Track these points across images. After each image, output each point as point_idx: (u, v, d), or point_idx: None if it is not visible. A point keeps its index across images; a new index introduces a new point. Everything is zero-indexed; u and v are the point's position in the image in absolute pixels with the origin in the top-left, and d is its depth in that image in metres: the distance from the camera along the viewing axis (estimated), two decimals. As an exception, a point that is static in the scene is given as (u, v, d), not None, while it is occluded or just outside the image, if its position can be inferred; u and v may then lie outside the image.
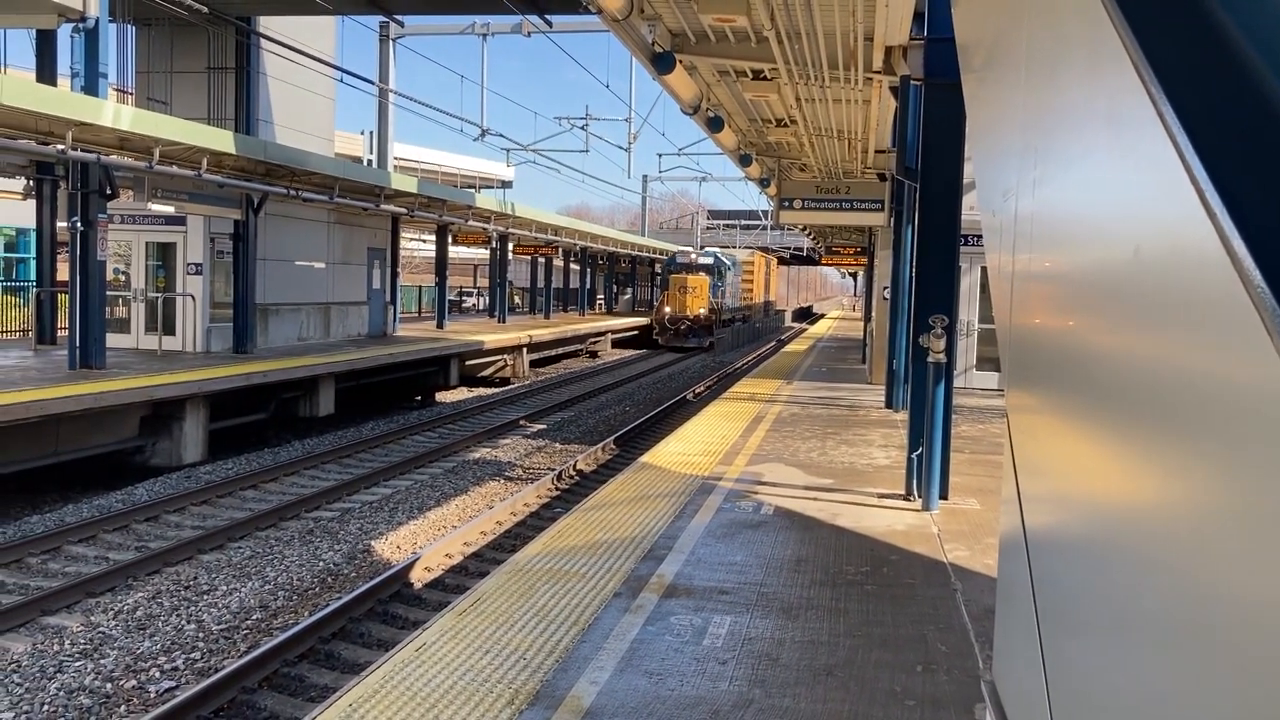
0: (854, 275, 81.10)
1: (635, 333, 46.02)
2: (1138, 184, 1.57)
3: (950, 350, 9.12)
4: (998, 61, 3.84)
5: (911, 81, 10.76)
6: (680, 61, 12.30)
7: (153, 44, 24.08)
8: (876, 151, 18.23)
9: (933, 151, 9.62)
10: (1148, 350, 1.54)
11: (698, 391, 27.00)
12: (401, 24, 29.30)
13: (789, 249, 69.68)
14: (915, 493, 9.50)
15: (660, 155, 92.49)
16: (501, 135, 34.94)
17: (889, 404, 16.58)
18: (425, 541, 11.43)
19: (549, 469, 15.59)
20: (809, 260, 74.34)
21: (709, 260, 44.09)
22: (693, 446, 12.42)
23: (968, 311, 18.62)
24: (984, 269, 18.50)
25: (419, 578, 10.03)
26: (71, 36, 16.65)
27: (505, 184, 61.22)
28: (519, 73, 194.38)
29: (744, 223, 69.25)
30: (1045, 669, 2.59)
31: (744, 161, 21.52)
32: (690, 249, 47.20)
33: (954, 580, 7.05)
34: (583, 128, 39.53)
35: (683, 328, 42.01)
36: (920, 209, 9.87)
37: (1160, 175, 1.36)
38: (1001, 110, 3.70)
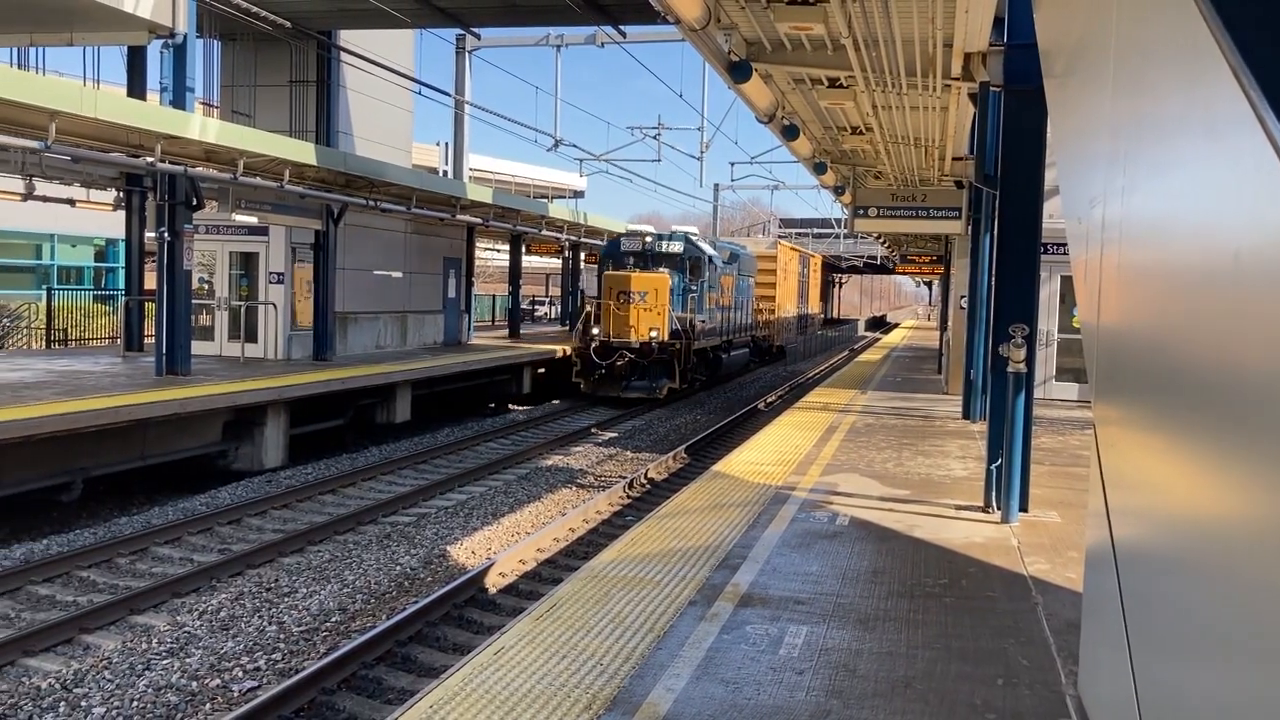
0: (929, 284, 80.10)
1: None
2: (1236, 189, 1.54)
3: (1030, 360, 8.97)
4: (1082, 67, 3.79)
5: (991, 88, 10.62)
6: (756, 70, 12.29)
7: (237, 58, 24.74)
8: (954, 159, 18.01)
9: (1012, 158, 9.48)
10: (1248, 359, 1.51)
11: (769, 401, 26.88)
12: (478, 36, 29.70)
13: (862, 257, 69.07)
14: (994, 505, 9.35)
15: (733, 163, 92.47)
16: (574, 145, 35.32)
17: (966, 414, 16.35)
18: (500, 547, 11.54)
19: (620, 477, 15.64)
20: (883, 269, 73.65)
21: (676, 247, 25.73)
22: (766, 456, 12.37)
23: (1047, 321, 18.29)
24: (1064, 278, 18.16)
25: (494, 583, 10.13)
26: (161, 52, 17.15)
27: (578, 194, 61.64)
28: (592, 83, 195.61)
29: (816, 231, 68.81)
30: (1135, 684, 2.54)
31: (819, 169, 21.41)
32: (645, 228, 27.12)
33: (1035, 593, 6.93)
34: (655, 137, 39.59)
35: (619, 363, 23.81)
36: (1000, 217, 9.74)
37: (1262, 181, 1.34)
38: (1086, 116, 3.65)
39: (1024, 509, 9.27)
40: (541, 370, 26.05)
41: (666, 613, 6.24)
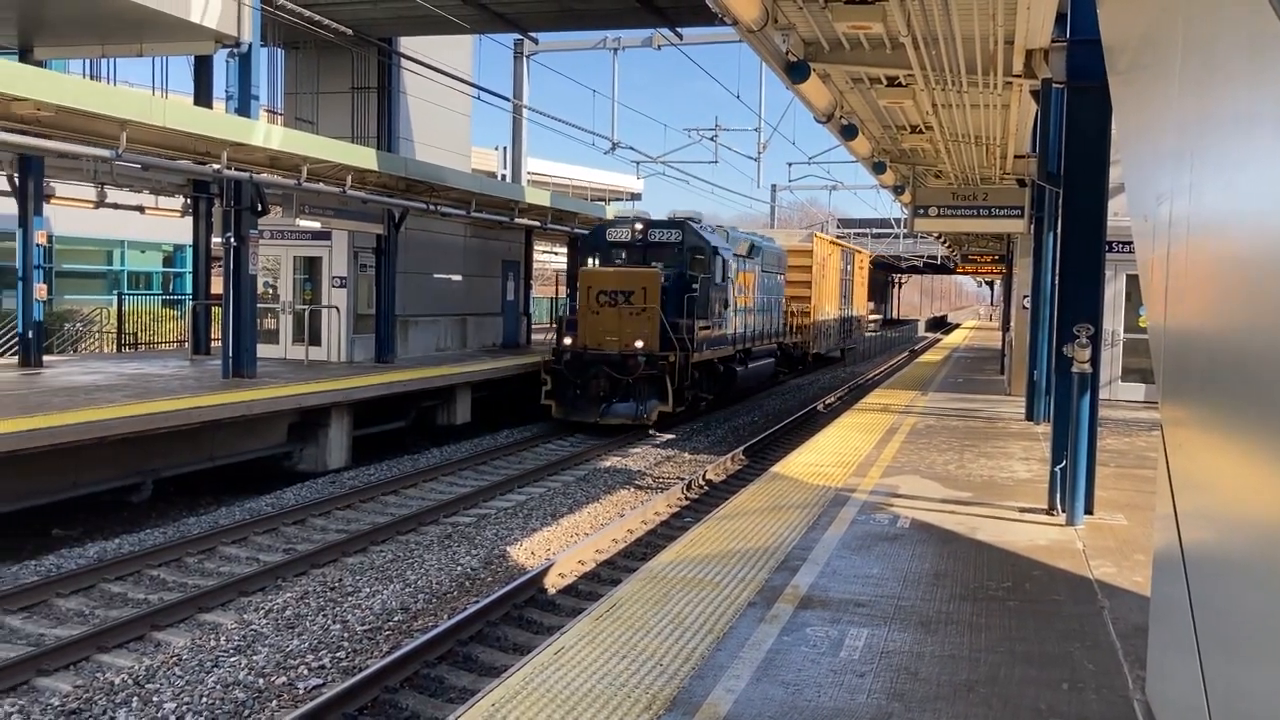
0: (990, 284, 79.07)
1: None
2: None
3: (1095, 360, 8.83)
4: (1147, 63, 3.73)
5: (1053, 84, 10.47)
6: (814, 70, 12.22)
7: (300, 66, 25.15)
8: (1016, 157, 17.76)
9: (1076, 156, 9.34)
10: (1321, 359, 1.48)
11: (828, 403, 26.71)
12: (536, 41, 29.88)
13: (922, 257, 68.36)
14: (1059, 507, 9.21)
15: (790, 164, 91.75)
16: (631, 148, 35.33)
17: (1029, 416, 16.12)
18: (559, 548, 11.60)
19: (678, 478, 15.64)
20: (943, 269, 72.85)
21: (673, 236, 21.50)
22: (825, 457, 12.30)
23: (1112, 321, 17.98)
24: (1130, 277, 17.84)
25: (553, 583, 10.19)
26: (226, 61, 17.50)
27: (635, 196, 61.75)
28: (649, 86, 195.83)
29: (876, 231, 68.23)
30: (1205, 690, 2.49)
31: (878, 169, 21.23)
32: (634, 214, 24.30)
33: (1101, 597, 6.82)
34: (712, 138, 39.53)
35: (599, 379, 19.58)
36: (1063, 215, 9.59)
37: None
38: (1152, 113, 3.59)
39: (1089, 511, 9.12)
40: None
41: (726, 614, 6.24)
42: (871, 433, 14.48)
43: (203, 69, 20.66)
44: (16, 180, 17.88)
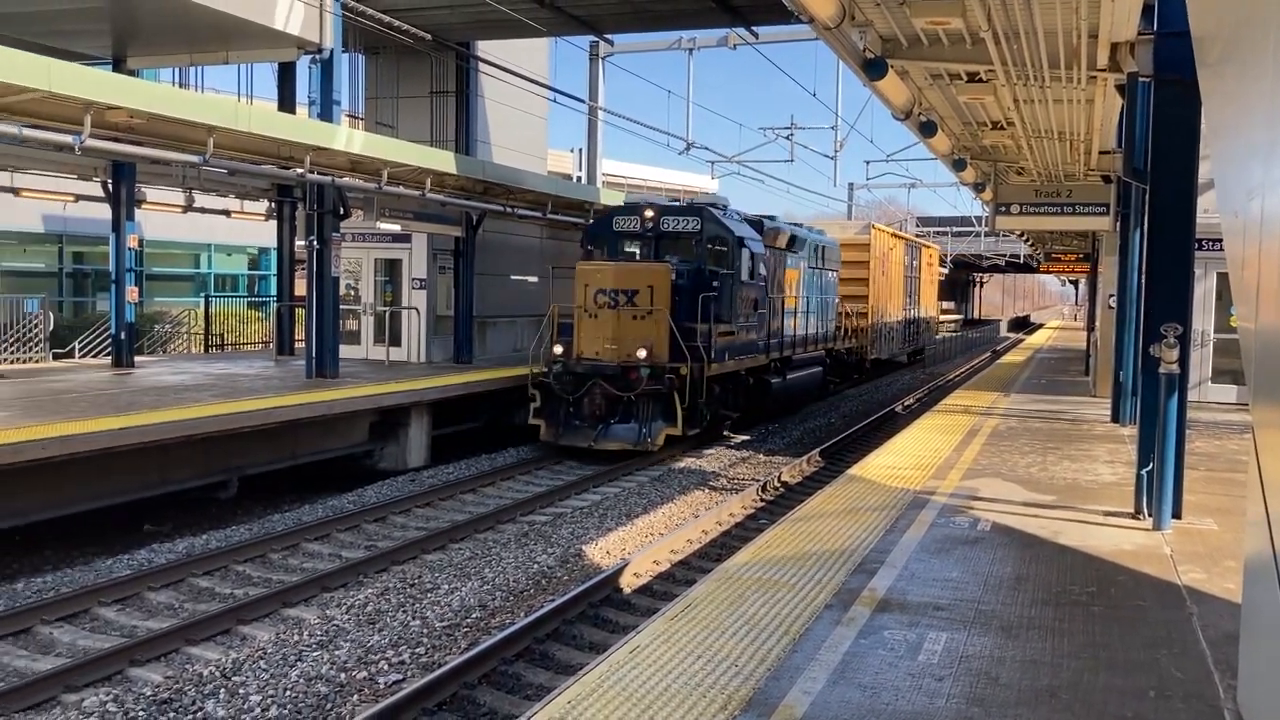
0: (1074, 283, 77.39)
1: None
2: None
3: (1184, 361, 8.59)
4: (1239, 55, 3.62)
5: (1140, 78, 10.23)
6: (892, 67, 12.09)
7: (380, 71, 25.57)
8: (1100, 153, 17.37)
9: (1163, 151, 9.11)
10: None
11: (907, 404, 26.39)
12: (611, 43, 30.00)
13: (1004, 256, 67.18)
14: (1145, 511, 8.98)
15: (868, 162, 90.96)
16: (706, 148, 35.26)
17: (1115, 418, 15.75)
18: (634, 548, 11.63)
19: (753, 480, 15.58)
20: (1026, 268, 71.51)
21: (691, 224, 18.57)
22: (903, 460, 12.16)
23: (1202, 320, 17.50)
24: (1221, 275, 17.34)
25: (628, 583, 10.22)
26: (309, 68, 17.89)
27: (710, 196, 61.54)
28: (723, 85, 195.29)
29: (956, 229, 67.20)
30: (1300, 699, 2.41)
31: (957, 166, 20.92)
32: (646, 199, 21.33)
33: (1189, 603, 6.63)
34: (788, 137, 39.30)
35: (595, 396, 16.83)
36: (1150, 212, 9.36)
37: None
38: (1244, 106, 3.49)
39: (1177, 516, 8.88)
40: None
41: (802, 616, 6.20)
42: (951, 434, 14.27)
43: (286, 76, 21.13)
44: (110, 186, 18.47)
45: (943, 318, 77.94)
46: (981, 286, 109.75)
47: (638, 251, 18.60)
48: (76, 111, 11.98)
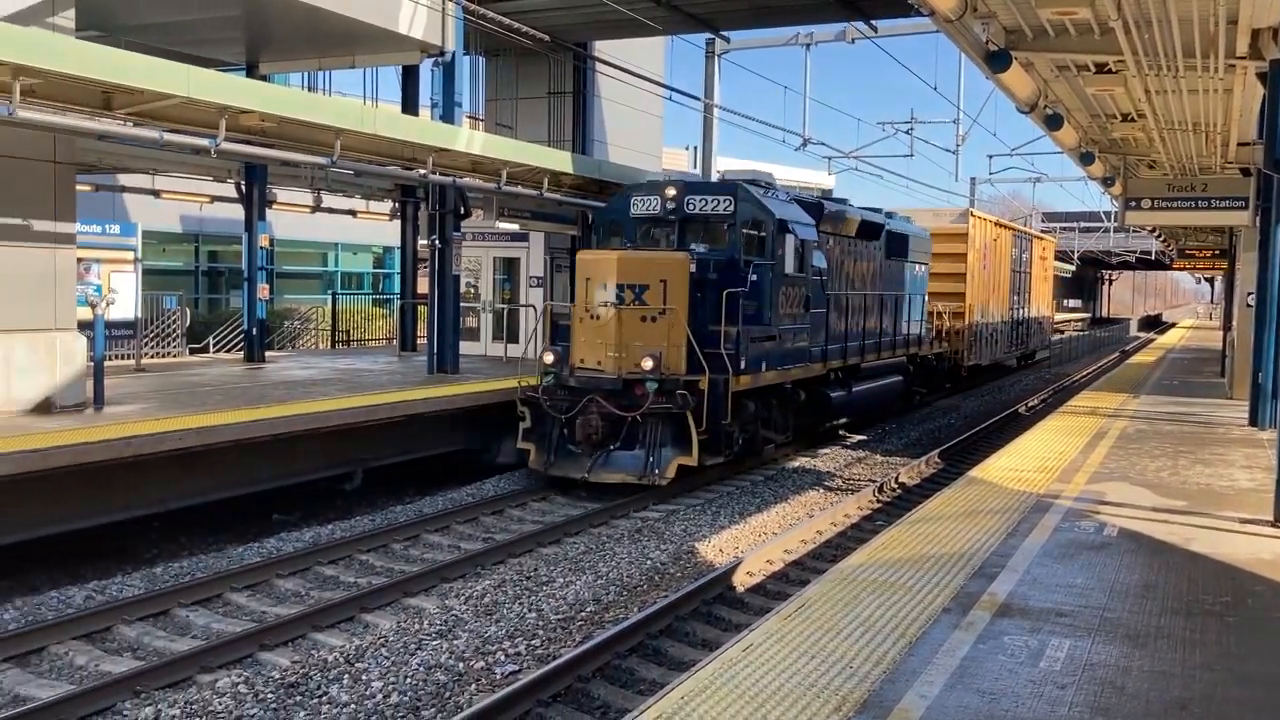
0: (1210, 280, 74.25)
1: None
2: None
3: (1329, 362, 8.18)
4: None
5: (1283, 65, 9.76)
6: (1016, 58, 11.79)
7: (500, 73, 26.02)
8: (1239, 144, 16.63)
9: (1308, 141, 8.68)
10: None
11: (1030, 405, 25.69)
12: (727, 40, 29.91)
13: (1134, 253, 64.84)
14: (1285, 519, 8.58)
15: (990, 156, 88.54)
16: (823, 144, 34.90)
17: (1253, 421, 15.07)
18: (747, 546, 11.59)
19: (869, 480, 15.37)
20: (1158, 265, 68.92)
21: (722, 206, 15.18)
22: (1026, 462, 11.85)
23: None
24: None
25: (741, 581, 10.19)
26: (431, 70, 18.29)
27: (826, 193, 61.00)
28: (841, 80, 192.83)
29: (1083, 224, 65.11)
30: None
31: (1085, 160, 20.28)
32: (666, 176, 20.13)
33: (1333, 618, 6.31)
34: (907, 132, 38.62)
35: (591, 416, 13.53)
36: (1293, 205, 8.93)
37: None
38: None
39: (1321, 525, 8.46)
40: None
41: (918, 619, 6.10)
42: (1077, 437, 13.85)
43: (409, 78, 21.64)
44: (243, 187, 19.21)
45: (1068, 317, 75.62)
46: (1110, 284, 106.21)
47: (662, 239, 15.52)
48: (212, 116, 12.48)
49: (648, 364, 13.35)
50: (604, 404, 13.45)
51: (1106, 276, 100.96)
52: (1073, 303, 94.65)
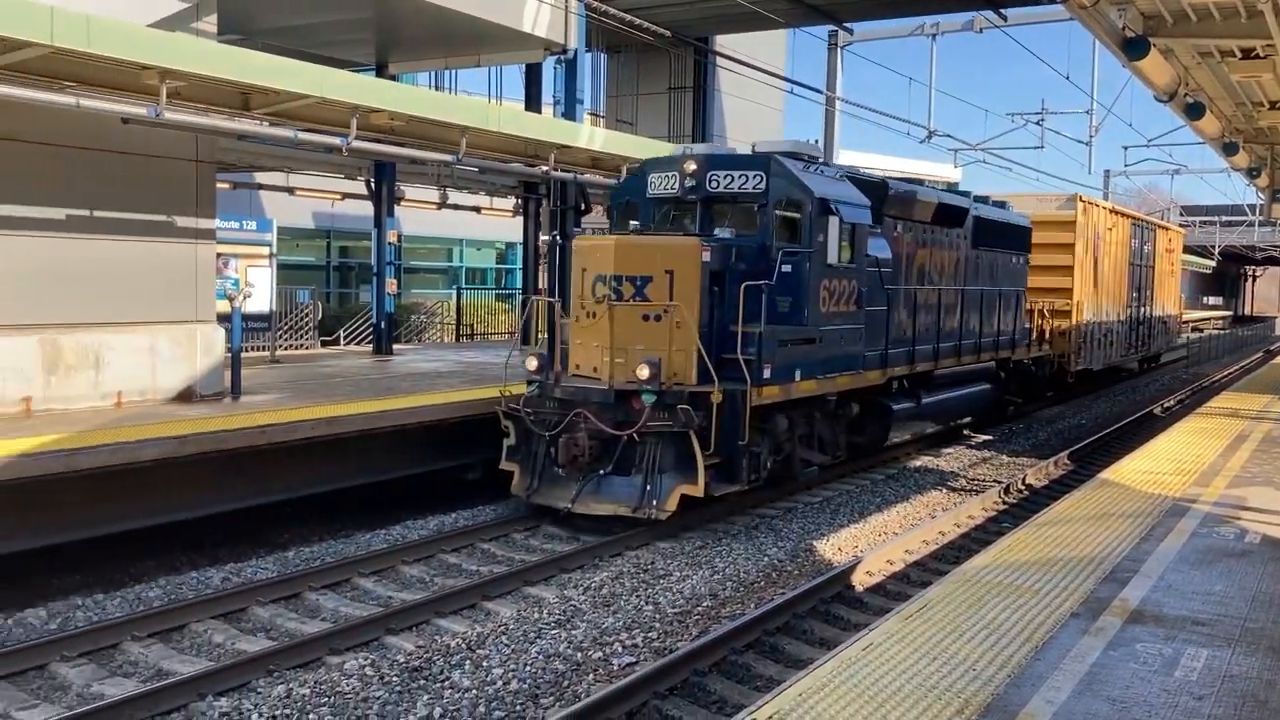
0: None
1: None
2: None
3: None
4: None
5: None
6: (1154, 45, 11.35)
7: (621, 69, 26.20)
8: (1400, 132, 15.70)
9: None
10: None
11: (1167, 406, 24.71)
12: (850, 31, 29.54)
13: (1281, 248, 61.74)
14: None
15: (1125, 147, 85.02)
16: (949, 135, 34.06)
17: None
18: (866, 546, 11.43)
19: (995, 481, 14.99)
20: (1308, 260, 65.50)
21: (747, 183, 12.82)
22: (1161, 464, 11.40)
23: None
24: None
25: (860, 581, 10.06)
26: (554, 68, 18.54)
27: (951, 185, 59.68)
28: (968, 71, 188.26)
29: (1225, 219, 62.29)
30: None
31: (1228, 150, 19.41)
32: (696, 147, 15.05)
33: None
34: (1038, 123, 37.53)
35: (578, 432, 11.41)
36: None
37: None
38: None
39: None
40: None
41: (1045, 623, 5.93)
42: (1216, 439, 13.26)
43: (532, 76, 21.95)
44: (372, 184, 19.76)
45: (1206, 314, 72.39)
46: (1254, 280, 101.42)
47: (684, 223, 13.26)
48: (344, 115, 12.87)
49: (644, 372, 11.19)
50: (593, 420, 11.31)
51: (1250, 273, 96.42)
52: (1212, 300, 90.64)
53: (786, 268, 12.41)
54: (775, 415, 12.36)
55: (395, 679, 7.33)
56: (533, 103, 22.09)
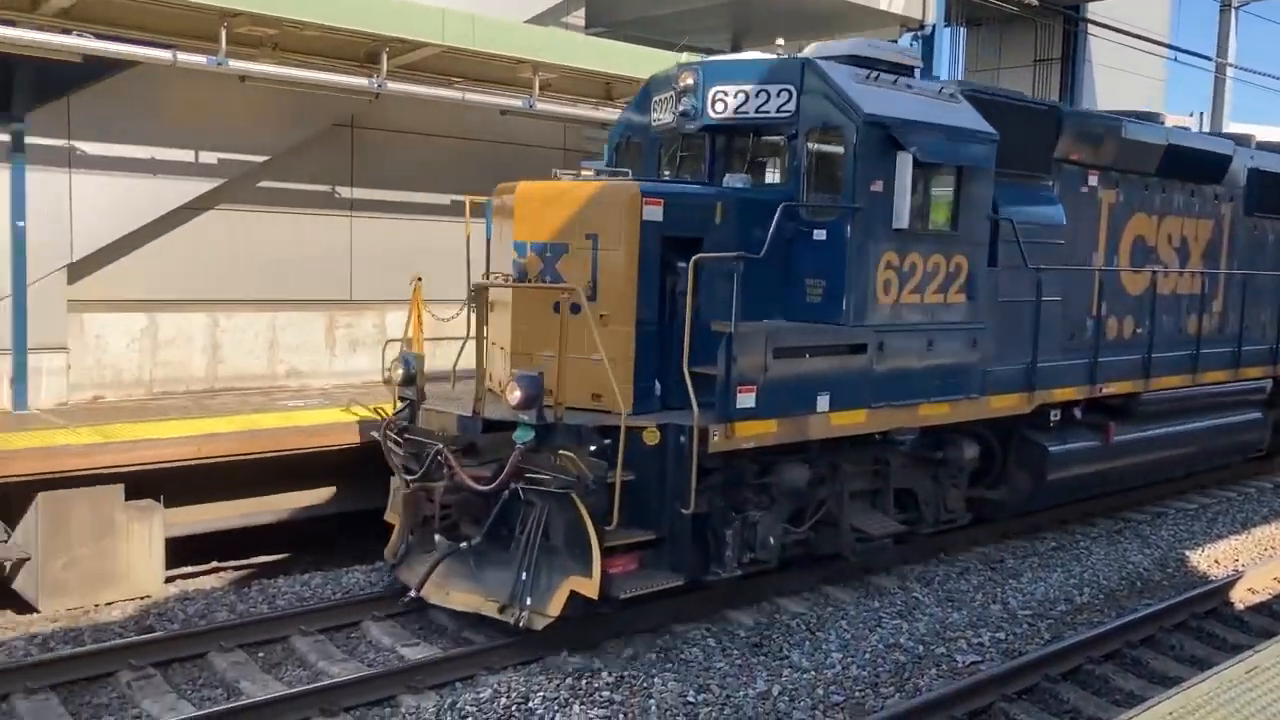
0: None
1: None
2: None
3: None
4: None
5: None
6: None
7: (981, 43, 25.12)
8: None
9: None
10: None
11: None
12: (1246, -11, 26.67)
13: None
14: None
15: None
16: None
17: None
18: (1248, 560, 10.37)
19: None
20: None
21: (771, 99, 8.18)
22: None
23: None
24: None
25: (1240, 598, 9.14)
26: (911, 44, 18.06)
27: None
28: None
29: None
30: None
31: None
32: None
33: None
34: None
35: (431, 491, 7.60)
36: None
37: None
38: None
39: None
40: None
41: None
42: None
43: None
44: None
45: None
46: None
47: (699, 168, 9.12)
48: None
49: (515, 395, 7.08)
50: (455, 465, 7.47)
51: None
52: None
53: (820, 231, 8.18)
54: (783, 465, 7.99)
55: (736, 653, 7.52)
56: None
